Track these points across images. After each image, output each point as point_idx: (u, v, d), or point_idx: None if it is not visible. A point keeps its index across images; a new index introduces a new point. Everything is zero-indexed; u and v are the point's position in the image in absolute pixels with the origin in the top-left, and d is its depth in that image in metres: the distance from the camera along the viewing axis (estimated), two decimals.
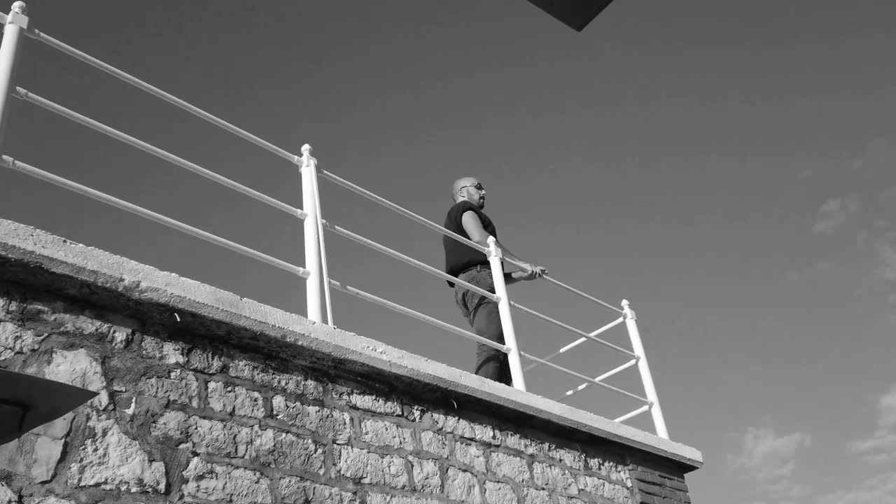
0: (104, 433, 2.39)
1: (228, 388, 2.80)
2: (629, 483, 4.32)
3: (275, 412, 2.90)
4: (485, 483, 3.52)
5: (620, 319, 5.46)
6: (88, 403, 2.39)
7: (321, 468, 2.93)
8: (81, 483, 2.27)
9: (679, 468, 4.77)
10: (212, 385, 2.76)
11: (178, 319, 2.71)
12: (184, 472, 2.53)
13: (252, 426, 2.80)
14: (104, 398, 2.44)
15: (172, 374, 2.66)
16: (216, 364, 2.81)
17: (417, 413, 3.44)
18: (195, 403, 2.68)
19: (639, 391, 5.15)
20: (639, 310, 5.53)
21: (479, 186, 5.51)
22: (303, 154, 3.75)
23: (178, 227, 3.02)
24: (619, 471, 4.32)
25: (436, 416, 3.51)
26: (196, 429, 2.63)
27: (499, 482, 3.59)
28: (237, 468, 2.68)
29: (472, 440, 3.61)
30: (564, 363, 5.16)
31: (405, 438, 3.31)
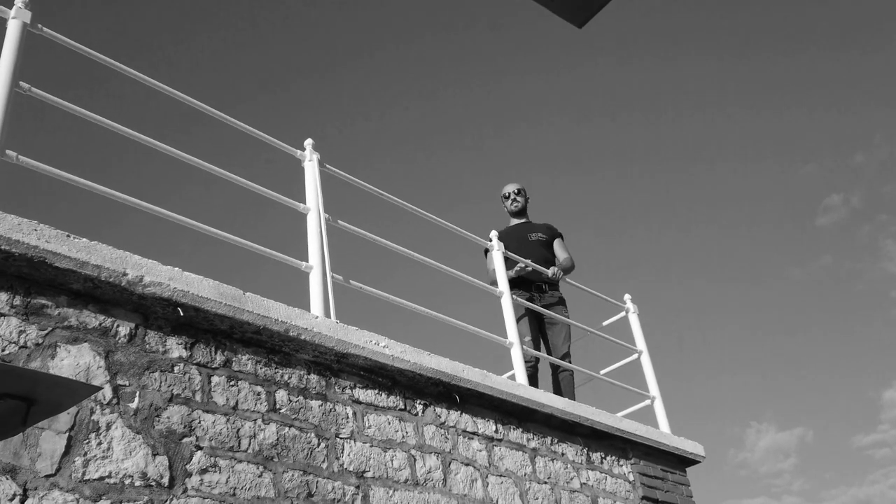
0: (108, 427, 2.40)
1: (231, 383, 2.81)
2: (631, 477, 4.33)
3: (278, 406, 2.91)
4: (487, 477, 3.53)
5: (623, 314, 5.46)
6: (92, 397, 2.40)
7: (324, 462, 2.94)
8: (86, 477, 2.28)
9: (681, 462, 4.77)
10: (215, 379, 2.77)
11: (182, 314, 2.72)
12: (187, 466, 2.54)
13: (255, 420, 2.81)
14: (108, 392, 2.45)
15: (176, 369, 2.67)
16: (219, 358, 2.82)
17: (420, 407, 3.44)
18: (198, 398, 2.69)
19: (641, 385, 5.16)
20: (641, 304, 5.53)
21: (504, 196, 5.66)
22: (305, 148, 3.76)
23: (182, 222, 3.03)
24: (622, 465, 4.33)
25: (438, 411, 3.51)
26: (199, 423, 2.64)
27: (501, 476, 3.60)
28: (240, 462, 2.69)
29: (475, 434, 3.62)
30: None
31: (408, 432, 3.32)
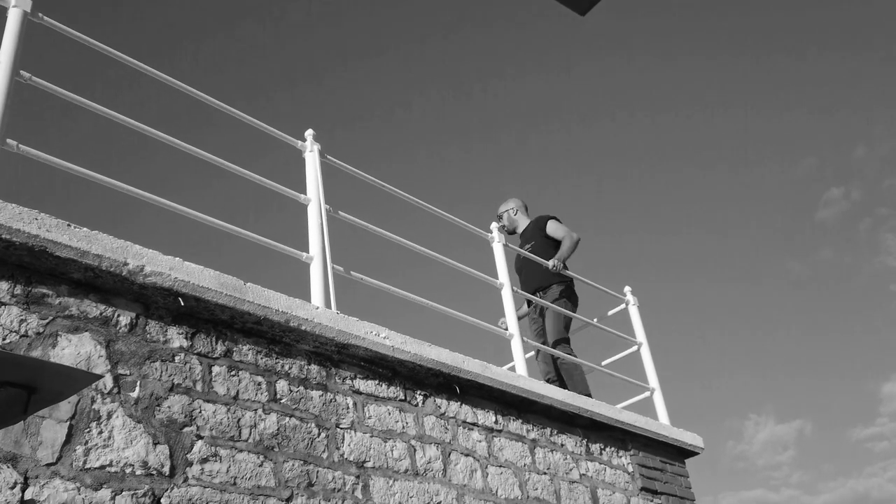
0: (109, 416, 2.41)
1: (232, 373, 2.82)
2: (630, 468, 4.35)
3: (278, 396, 2.92)
4: (487, 467, 3.54)
5: (623, 306, 5.47)
6: (93, 386, 2.41)
7: (324, 452, 2.95)
8: (87, 465, 2.29)
9: (680, 454, 4.79)
10: (216, 369, 2.78)
11: (182, 304, 2.72)
12: (188, 455, 2.55)
13: (256, 410, 2.82)
14: (109, 381, 2.46)
15: (176, 358, 2.68)
16: (220, 348, 2.83)
17: (420, 398, 3.45)
18: (199, 387, 2.69)
19: (640, 377, 5.17)
20: (640, 297, 5.54)
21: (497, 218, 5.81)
22: (306, 139, 3.75)
23: (183, 213, 3.03)
24: (621, 456, 4.34)
25: (438, 401, 3.52)
26: (200, 412, 2.65)
27: (501, 467, 3.61)
28: (241, 451, 2.70)
29: (475, 425, 3.63)
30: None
31: (408, 423, 3.33)
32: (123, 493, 2.33)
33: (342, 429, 3.06)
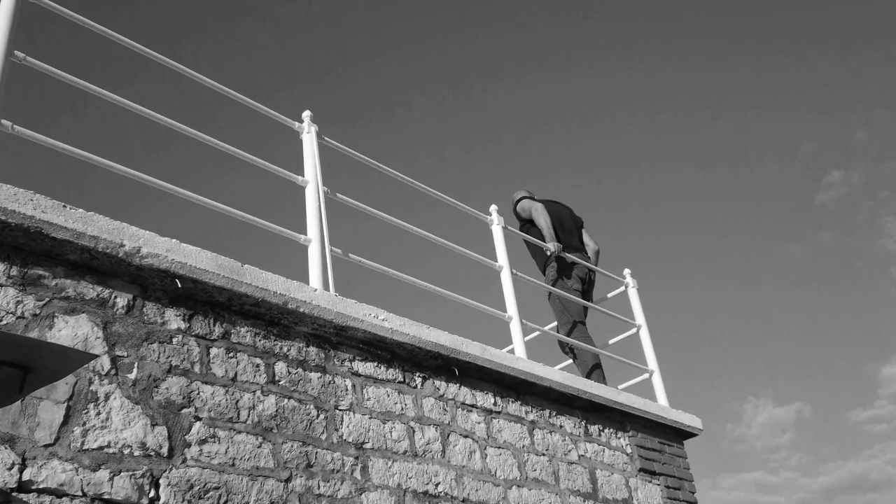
0: (107, 397, 2.41)
1: (230, 354, 2.82)
2: (629, 449, 4.36)
3: (277, 378, 2.91)
4: (486, 449, 3.55)
5: (623, 288, 5.46)
6: (91, 368, 2.41)
7: (323, 433, 2.95)
8: (85, 446, 2.29)
9: (679, 435, 4.80)
10: (213, 351, 2.77)
11: (180, 286, 2.71)
12: (186, 437, 2.55)
13: (254, 392, 2.81)
14: (106, 363, 2.45)
15: (174, 340, 2.67)
16: (218, 330, 2.82)
17: (419, 380, 3.45)
18: (197, 369, 2.69)
19: (640, 359, 5.17)
20: (640, 280, 5.53)
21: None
22: (304, 120, 3.73)
23: (180, 194, 3.01)
24: (619, 437, 4.35)
25: (437, 383, 3.52)
26: (198, 394, 2.65)
27: (500, 448, 3.62)
28: (239, 433, 2.70)
29: (474, 407, 3.63)
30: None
31: (407, 405, 3.33)
32: (122, 474, 2.33)
33: (341, 410, 3.07)
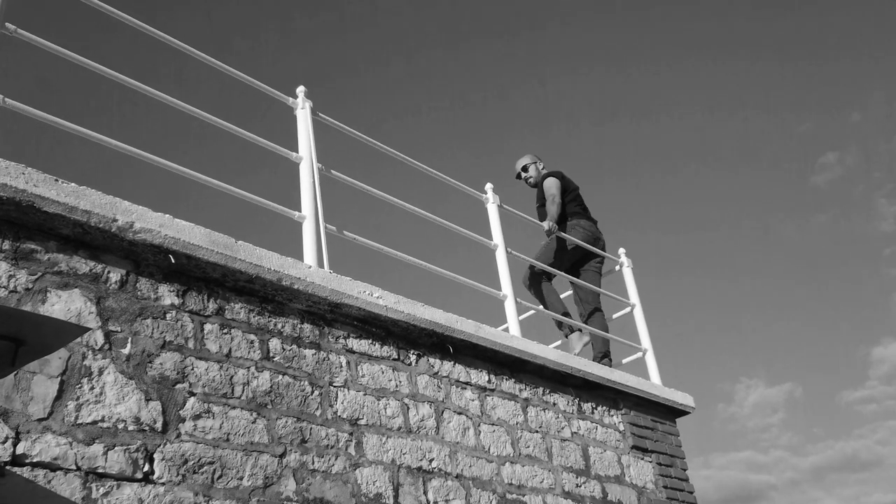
0: (100, 372, 2.40)
1: (224, 331, 2.81)
2: (621, 427, 4.38)
3: (271, 354, 2.91)
4: (479, 426, 3.57)
5: (617, 268, 5.47)
6: (84, 343, 2.40)
7: (318, 409, 2.96)
8: (78, 421, 2.29)
9: (671, 413, 4.83)
10: (208, 327, 2.77)
11: (173, 261, 2.70)
12: (181, 412, 2.55)
13: (248, 368, 2.81)
14: (99, 337, 2.45)
15: (168, 316, 2.67)
16: (212, 306, 2.82)
17: (413, 357, 3.46)
18: (191, 345, 2.69)
19: (633, 338, 5.19)
20: (635, 259, 5.54)
21: (517, 178, 5.81)
22: (298, 96, 3.70)
23: (174, 170, 2.99)
24: (612, 415, 4.38)
25: (432, 361, 3.53)
26: (192, 369, 2.65)
27: (493, 425, 3.64)
28: (234, 408, 2.70)
29: (468, 384, 3.64)
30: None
31: (401, 382, 3.34)
32: (116, 449, 2.33)
33: (335, 387, 3.07)
